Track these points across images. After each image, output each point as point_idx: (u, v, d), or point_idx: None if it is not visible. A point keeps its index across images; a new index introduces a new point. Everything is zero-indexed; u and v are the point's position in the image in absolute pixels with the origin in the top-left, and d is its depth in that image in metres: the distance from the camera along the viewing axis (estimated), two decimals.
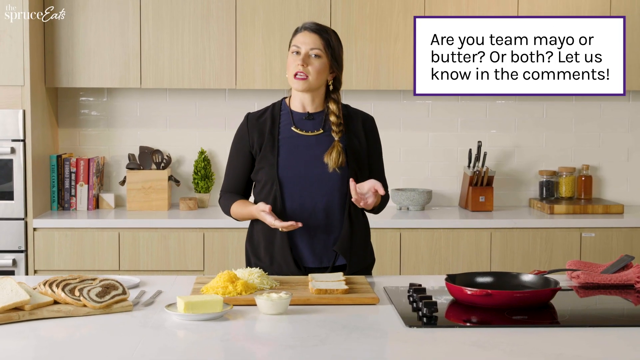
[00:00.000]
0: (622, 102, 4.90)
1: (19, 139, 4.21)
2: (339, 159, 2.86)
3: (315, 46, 2.85)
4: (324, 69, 2.88)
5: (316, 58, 2.85)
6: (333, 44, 2.88)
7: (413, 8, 4.46)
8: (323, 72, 2.88)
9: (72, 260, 4.22)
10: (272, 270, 2.89)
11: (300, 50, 2.85)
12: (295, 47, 2.86)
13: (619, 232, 4.36)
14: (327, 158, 2.87)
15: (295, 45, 2.87)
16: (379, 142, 3.02)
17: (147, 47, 4.44)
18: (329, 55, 2.87)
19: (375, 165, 2.99)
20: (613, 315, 2.43)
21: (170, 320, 2.27)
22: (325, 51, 2.86)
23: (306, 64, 2.84)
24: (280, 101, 3.01)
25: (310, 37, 2.86)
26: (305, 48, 2.85)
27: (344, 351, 2.02)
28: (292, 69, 2.86)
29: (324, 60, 2.87)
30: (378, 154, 3.01)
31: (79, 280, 2.40)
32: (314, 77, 2.86)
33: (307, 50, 2.85)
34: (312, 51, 2.85)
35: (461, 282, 2.50)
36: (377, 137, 3.01)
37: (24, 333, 2.16)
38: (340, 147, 2.87)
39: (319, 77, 2.87)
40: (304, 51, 2.85)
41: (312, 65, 2.85)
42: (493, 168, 4.82)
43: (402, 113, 4.84)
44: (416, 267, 4.29)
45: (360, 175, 2.91)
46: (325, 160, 2.87)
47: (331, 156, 2.86)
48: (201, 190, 4.72)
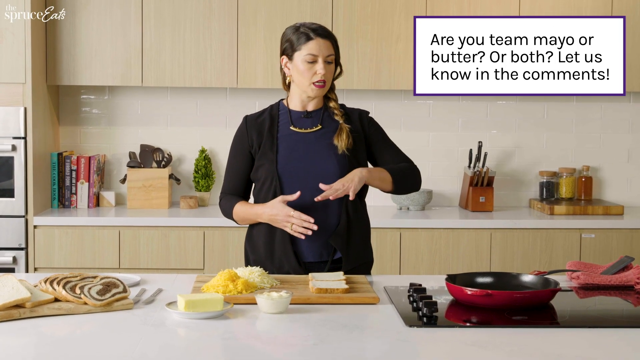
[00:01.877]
0: (623, 103, 4.90)
1: (20, 136, 4.21)
2: (347, 140, 2.89)
3: (330, 52, 2.88)
4: (334, 71, 2.93)
5: (330, 64, 2.89)
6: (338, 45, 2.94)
7: (414, 8, 4.46)
8: (333, 73, 2.94)
9: (73, 258, 4.22)
10: (273, 265, 2.90)
11: (318, 59, 2.86)
12: (312, 55, 2.86)
13: (619, 233, 4.36)
14: (337, 140, 2.89)
15: (310, 54, 2.86)
16: (381, 130, 3.04)
17: (149, 45, 4.44)
18: (337, 57, 2.93)
19: (390, 150, 3.01)
20: (613, 316, 2.43)
21: (170, 319, 2.27)
22: (336, 55, 2.92)
23: (325, 71, 2.87)
24: (277, 103, 3.03)
25: (325, 44, 2.87)
26: (322, 56, 2.86)
27: (344, 350, 2.02)
28: (310, 76, 2.88)
29: (334, 64, 2.92)
30: (387, 140, 3.02)
31: (79, 278, 2.40)
32: (329, 81, 2.92)
33: (324, 58, 2.87)
34: (328, 58, 2.88)
35: (461, 282, 2.51)
36: (377, 126, 3.03)
37: (25, 330, 2.16)
38: (346, 128, 2.91)
39: (331, 80, 2.93)
40: (322, 59, 2.86)
41: (328, 71, 2.89)
42: (493, 168, 4.82)
43: (403, 113, 4.85)
44: (416, 267, 4.30)
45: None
46: (336, 142, 2.89)
47: (341, 137, 2.90)
48: (202, 189, 4.72)
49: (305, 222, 2.77)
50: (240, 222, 3.00)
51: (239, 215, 2.97)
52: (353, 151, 2.92)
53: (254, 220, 2.94)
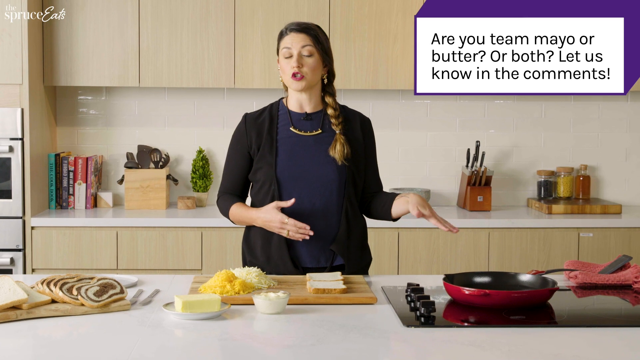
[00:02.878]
0: (621, 103, 4.90)
1: (17, 137, 4.21)
2: (343, 150, 2.88)
3: (305, 43, 2.85)
4: (318, 65, 2.88)
5: (309, 57, 2.86)
6: (321, 39, 2.89)
7: (412, 8, 4.46)
8: (317, 68, 2.88)
9: (70, 259, 4.22)
10: (269, 270, 2.89)
11: (292, 52, 2.85)
12: (286, 49, 2.86)
13: (617, 232, 4.36)
14: (332, 152, 2.87)
15: (285, 48, 2.86)
16: (374, 145, 3.03)
17: (146, 46, 4.44)
18: (319, 51, 2.88)
19: (370, 167, 3.00)
20: (611, 316, 2.43)
21: (167, 320, 2.27)
22: (315, 47, 2.87)
23: (301, 64, 2.85)
24: (277, 102, 3.01)
25: (298, 37, 2.86)
26: (296, 49, 2.85)
27: (341, 351, 2.02)
28: (288, 71, 2.87)
29: (317, 57, 2.87)
30: (373, 156, 3.02)
31: (76, 279, 2.40)
32: (310, 75, 2.87)
33: (298, 51, 2.85)
34: (304, 49, 2.85)
35: (459, 282, 2.50)
36: (373, 140, 3.02)
37: (21, 332, 2.16)
38: (342, 139, 2.89)
39: (315, 74, 2.88)
40: (296, 52, 2.85)
41: (306, 65, 2.86)
42: (491, 168, 4.82)
43: (401, 113, 4.84)
44: (414, 267, 4.29)
45: (358, 175, 2.92)
46: (331, 153, 2.88)
47: (336, 149, 2.87)
48: (199, 190, 4.72)
49: (301, 229, 2.76)
50: (236, 223, 3.00)
51: (235, 217, 2.96)
52: (352, 158, 2.91)
53: (250, 224, 2.94)
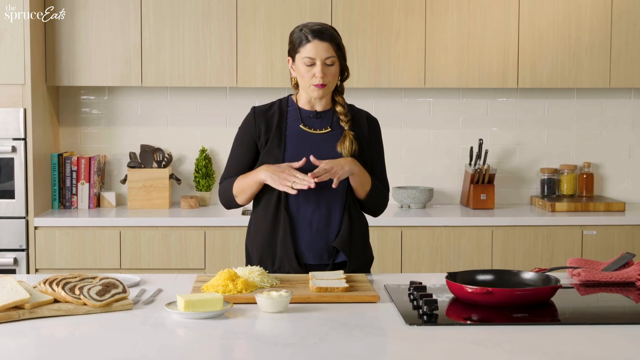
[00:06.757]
0: (624, 100, 4.89)
1: (20, 137, 4.21)
2: (351, 147, 2.87)
3: (328, 55, 2.83)
4: (338, 72, 2.89)
5: (331, 66, 2.85)
6: (341, 45, 2.89)
7: (414, 5, 4.45)
8: (337, 74, 2.89)
9: (73, 258, 4.22)
10: (274, 267, 2.89)
11: (316, 62, 2.83)
12: (309, 59, 2.83)
13: (620, 230, 4.35)
14: (341, 147, 2.87)
15: (308, 57, 2.83)
16: (382, 145, 3.02)
17: (148, 45, 4.44)
18: (339, 58, 2.88)
19: (377, 166, 2.99)
20: (614, 313, 2.42)
21: (170, 319, 2.27)
22: (336, 55, 2.86)
23: (324, 74, 2.84)
24: (286, 98, 3.00)
25: (322, 47, 2.83)
26: (320, 59, 2.83)
27: (344, 349, 2.01)
28: (309, 79, 2.85)
29: (337, 65, 2.87)
30: (379, 156, 3.01)
31: (79, 279, 2.40)
32: (331, 83, 2.88)
33: (322, 61, 2.83)
34: (327, 60, 2.84)
35: (462, 280, 2.50)
36: (379, 140, 3.01)
37: (24, 332, 2.16)
38: (351, 135, 2.89)
39: (335, 81, 2.90)
40: (320, 62, 2.83)
41: (329, 74, 2.85)
42: (494, 166, 4.81)
43: (404, 111, 4.84)
44: (417, 265, 4.29)
45: None
46: (339, 149, 2.87)
47: (344, 145, 2.87)
48: (202, 189, 4.72)
49: (304, 180, 2.74)
50: (239, 194, 2.92)
51: (238, 185, 2.91)
52: (359, 155, 2.90)
53: (253, 182, 2.87)
